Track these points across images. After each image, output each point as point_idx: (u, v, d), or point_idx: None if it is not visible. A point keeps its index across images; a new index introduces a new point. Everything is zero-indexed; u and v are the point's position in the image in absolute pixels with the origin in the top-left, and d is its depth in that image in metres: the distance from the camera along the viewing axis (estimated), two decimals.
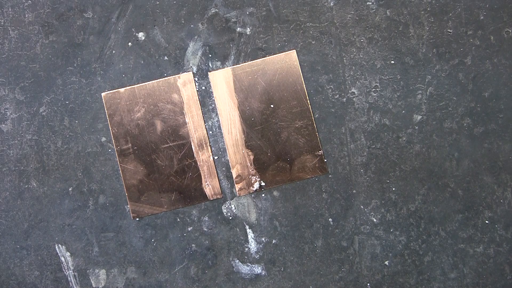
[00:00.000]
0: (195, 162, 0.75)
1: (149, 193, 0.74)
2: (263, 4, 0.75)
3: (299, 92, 0.74)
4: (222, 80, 0.74)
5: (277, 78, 0.75)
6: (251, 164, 0.75)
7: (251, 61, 0.75)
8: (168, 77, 0.74)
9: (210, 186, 0.75)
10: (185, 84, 0.74)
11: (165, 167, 0.75)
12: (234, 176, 0.75)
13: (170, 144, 0.74)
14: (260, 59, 0.75)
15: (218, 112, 0.74)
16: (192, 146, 0.74)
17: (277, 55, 0.75)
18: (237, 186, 0.75)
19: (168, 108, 0.74)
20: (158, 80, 0.74)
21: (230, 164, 0.75)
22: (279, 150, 0.74)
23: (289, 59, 0.75)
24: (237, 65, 0.75)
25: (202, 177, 0.75)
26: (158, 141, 0.74)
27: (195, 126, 0.74)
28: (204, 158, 0.75)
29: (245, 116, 0.74)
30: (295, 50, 0.76)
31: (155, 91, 0.74)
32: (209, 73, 0.74)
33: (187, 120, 0.74)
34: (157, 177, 0.75)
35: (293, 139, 0.75)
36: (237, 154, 0.75)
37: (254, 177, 0.75)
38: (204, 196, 0.75)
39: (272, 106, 0.75)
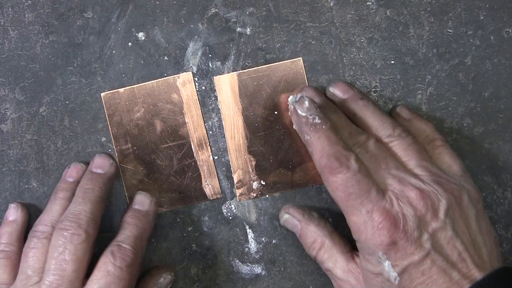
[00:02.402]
0: (195, 162, 0.75)
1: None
2: (263, 4, 0.75)
3: None
4: (227, 85, 0.74)
5: (282, 85, 0.75)
6: (252, 170, 0.75)
7: (257, 67, 0.75)
8: (168, 77, 0.74)
9: (210, 185, 0.75)
10: (184, 84, 0.74)
11: (165, 167, 0.75)
12: (235, 181, 0.75)
13: (170, 144, 0.74)
14: (266, 66, 0.75)
15: (222, 116, 0.74)
16: (192, 146, 0.74)
17: (283, 62, 0.75)
18: (238, 192, 0.75)
19: (167, 108, 0.74)
20: (158, 80, 0.74)
21: (232, 169, 0.75)
22: (281, 157, 0.73)
23: (295, 66, 0.75)
24: (243, 71, 0.75)
25: (202, 177, 0.75)
26: (158, 141, 0.74)
27: (194, 126, 0.74)
28: (204, 158, 0.75)
29: (249, 122, 0.74)
30: (301, 58, 0.76)
31: (154, 91, 0.74)
32: (214, 77, 0.74)
33: (186, 120, 0.74)
34: (157, 177, 0.75)
35: (296, 147, 0.75)
36: (239, 159, 0.75)
37: (255, 182, 0.75)
38: (204, 195, 0.75)
39: (276, 113, 0.75)
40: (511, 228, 0.76)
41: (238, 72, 0.75)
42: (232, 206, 0.76)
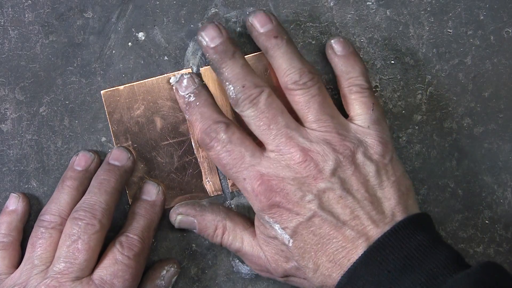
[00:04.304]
0: (195, 159, 0.75)
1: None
2: (263, 4, 0.76)
3: None
4: (214, 76, 0.74)
5: (268, 73, 0.74)
6: None
7: None
8: (167, 74, 0.74)
9: (210, 182, 0.75)
10: None
11: (166, 164, 0.75)
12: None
13: (170, 141, 0.74)
14: (251, 55, 0.75)
15: None
16: (192, 143, 0.74)
17: None
18: (230, 182, 0.75)
19: (167, 105, 0.74)
20: (157, 77, 0.74)
21: None
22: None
23: None
24: None
25: (203, 173, 0.75)
26: (158, 138, 0.74)
27: None
28: (204, 154, 0.74)
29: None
30: None
31: (154, 88, 0.74)
32: (200, 69, 0.74)
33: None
34: (158, 174, 0.75)
35: None
36: None
37: None
38: (205, 192, 0.75)
39: None
40: (511, 228, 0.76)
41: None
42: (232, 206, 0.76)
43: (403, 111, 0.76)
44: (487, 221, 0.76)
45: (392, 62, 0.76)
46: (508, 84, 0.76)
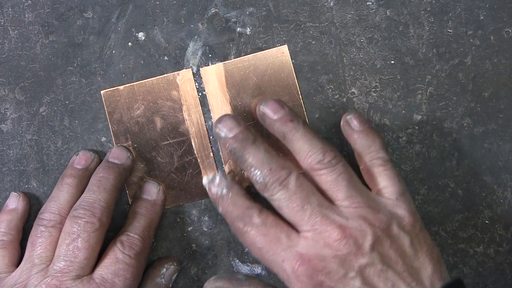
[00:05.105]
0: (195, 159, 0.75)
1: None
2: (263, 4, 0.76)
3: (291, 87, 0.74)
4: (213, 76, 0.74)
5: (268, 73, 0.74)
6: None
7: (243, 57, 0.75)
8: (167, 74, 0.74)
9: None
10: (184, 81, 0.74)
11: (166, 164, 0.75)
12: (226, 171, 0.75)
13: (170, 141, 0.74)
14: (252, 55, 0.75)
15: (210, 107, 0.74)
16: (192, 143, 0.74)
17: (268, 50, 0.75)
18: None
19: (167, 105, 0.74)
20: (157, 77, 0.74)
21: (222, 159, 0.75)
22: (272, 145, 0.73)
23: (281, 54, 0.75)
24: (229, 61, 0.75)
25: (203, 173, 0.75)
26: (158, 138, 0.74)
27: (194, 123, 0.74)
28: (203, 154, 0.74)
29: (237, 112, 0.74)
30: (286, 45, 0.76)
31: (154, 88, 0.74)
32: (200, 69, 0.75)
33: (186, 117, 0.74)
34: (158, 174, 0.75)
35: None
36: None
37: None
38: (205, 192, 0.75)
39: None
40: (511, 228, 0.76)
41: (224, 62, 0.75)
42: None
43: (403, 111, 0.76)
44: (487, 221, 0.76)
45: (392, 62, 0.76)
46: (508, 84, 0.76)
